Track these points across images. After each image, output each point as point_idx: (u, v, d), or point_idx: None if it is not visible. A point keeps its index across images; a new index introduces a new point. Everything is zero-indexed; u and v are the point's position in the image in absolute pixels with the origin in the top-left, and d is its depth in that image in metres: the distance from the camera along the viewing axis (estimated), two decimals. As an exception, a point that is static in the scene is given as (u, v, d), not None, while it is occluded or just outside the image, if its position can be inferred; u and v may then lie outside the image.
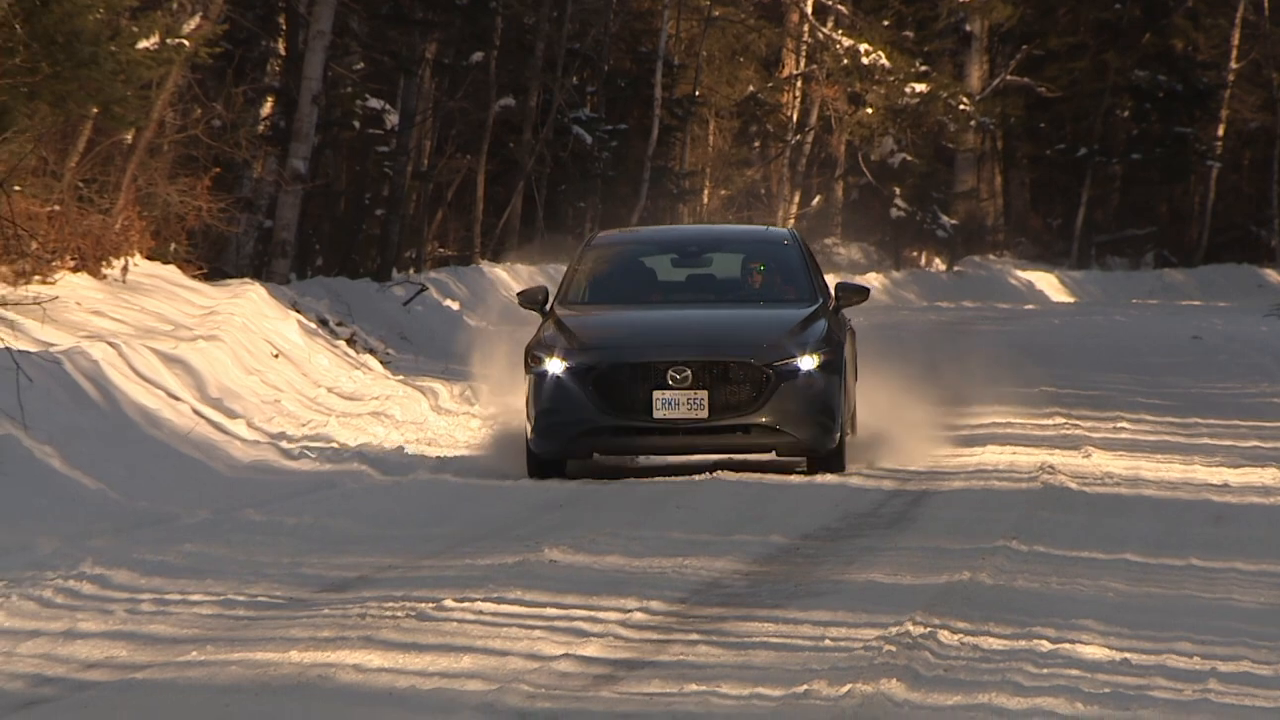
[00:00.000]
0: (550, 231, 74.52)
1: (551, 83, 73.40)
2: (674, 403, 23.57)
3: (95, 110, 46.54)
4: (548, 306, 30.28)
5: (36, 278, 44.40)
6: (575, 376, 24.64)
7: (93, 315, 43.86)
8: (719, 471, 33.14)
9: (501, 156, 73.11)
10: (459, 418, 45.18)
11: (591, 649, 19.60)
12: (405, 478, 35.71)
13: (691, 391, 23.92)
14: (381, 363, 53.06)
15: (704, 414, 24.26)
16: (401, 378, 50.48)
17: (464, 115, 70.14)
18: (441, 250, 70.99)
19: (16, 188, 41.40)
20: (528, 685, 17.86)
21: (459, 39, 72.21)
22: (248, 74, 62.49)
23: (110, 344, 38.80)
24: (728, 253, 30.31)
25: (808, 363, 25.42)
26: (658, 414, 23.98)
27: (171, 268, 51.29)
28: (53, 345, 37.11)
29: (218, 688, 18.41)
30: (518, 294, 33.58)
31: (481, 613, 21.59)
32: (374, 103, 69.62)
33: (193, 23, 52.84)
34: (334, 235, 64.42)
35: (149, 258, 50.69)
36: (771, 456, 32.11)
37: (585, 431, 24.76)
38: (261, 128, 62.89)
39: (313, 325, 52.10)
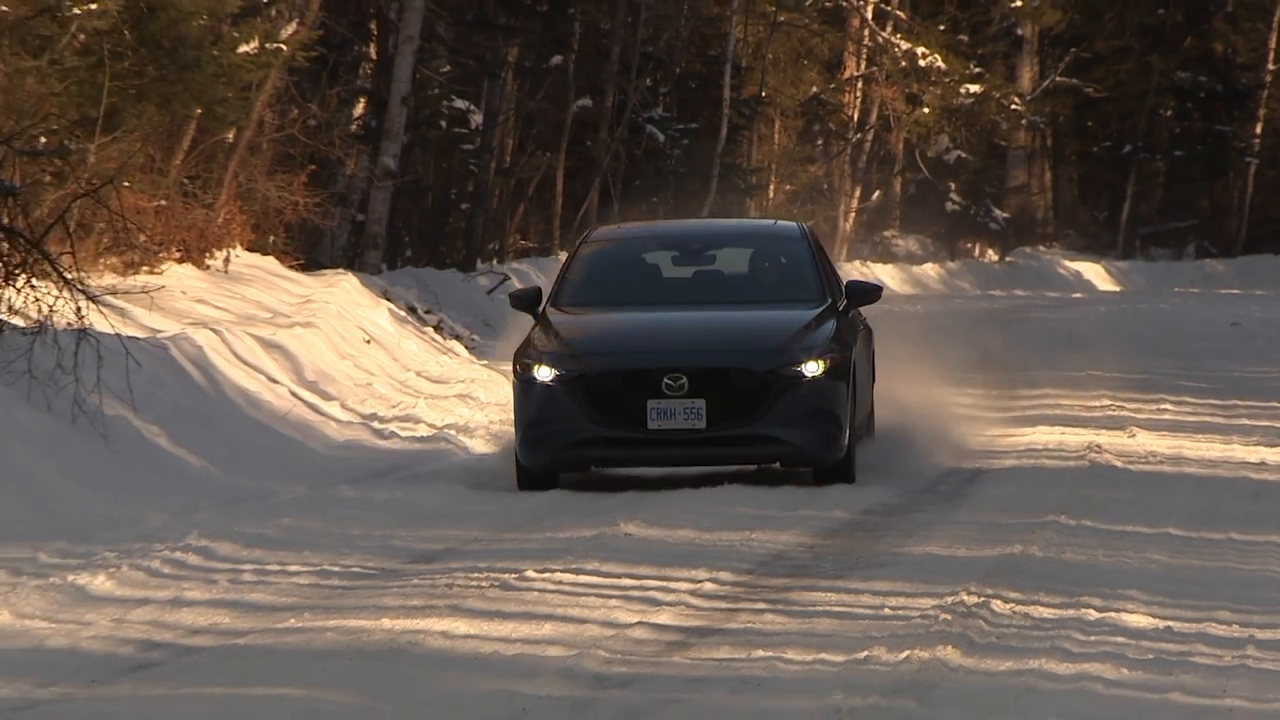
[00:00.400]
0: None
1: (626, 84, 73.16)
2: (669, 412, 21.34)
3: (199, 111, 46.91)
4: (540, 309, 26.67)
5: (144, 268, 44.59)
6: (564, 385, 22.19)
7: (197, 303, 44.34)
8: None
9: (579, 154, 73.42)
10: (539, 400, 44.34)
11: (664, 617, 19.78)
12: (488, 456, 34.98)
13: (688, 400, 21.62)
14: (467, 348, 53.18)
15: (701, 424, 21.84)
16: (485, 362, 50.43)
17: (544, 115, 70.11)
18: (523, 242, 71.03)
19: (126, 184, 40.32)
20: (604, 651, 18.01)
21: (539, 43, 71.77)
22: (341, 76, 62.61)
23: (213, 330, 39.22)
24: (733, 248, 26.99)
25: (812, 368, 22.70)
26: (652, 424, 21.65)
27: (270, 259, 51.50)
28: (160, 332, 37.33)
29: (314, 653, 18.66)
30: (509, 295, 30.46)
31: (561, 583, 21.76)
32: (459, 104, 69.14)
33: (290, 28, 53.11)
34: (422, 228, 64.35)
35: (249, 249, 50.81)
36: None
37: (575, 443, 22.39)
38: (354, 127, 62.75)
39: (402, 313, 52.01)
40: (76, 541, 24.96)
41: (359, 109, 64.64)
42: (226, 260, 48.93)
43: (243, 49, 47.56)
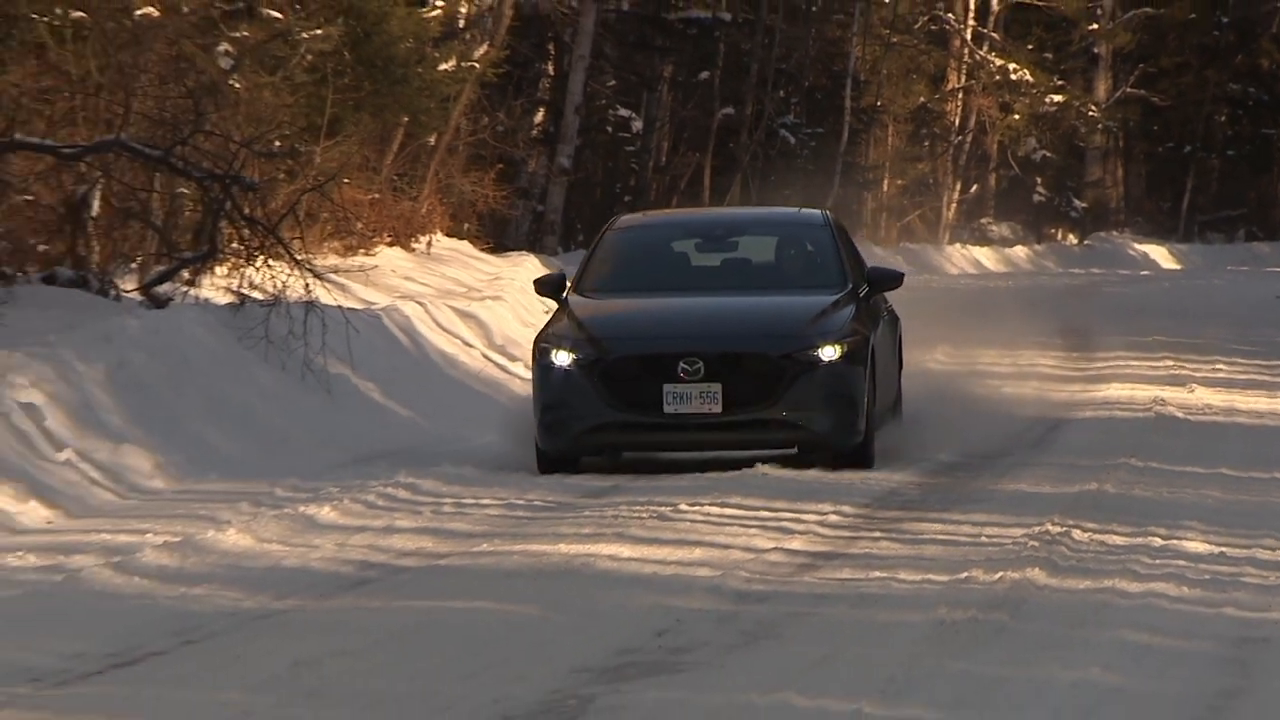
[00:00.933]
0: (762, 215, 75.57)
1: (763, 96, 72.75)
2: (685, 397, 18.91)
3: (406, 119, 48.47)
4: (564, 295, 23.49)
5: (361, 251, 45.56)
6: (582, 370, 19.59)
7: (404, 280, 45.24)
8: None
9: (723, 154, 71.90)
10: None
11: (796, 544, 19.74)
12: None
13: (704, 385, 19.09)
14: None
15: (717, 408, 19.28)
16: None
17: (694, 121, 69.99)
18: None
19: (345, 180, 42.32)
20: (745, 572, 18.14)
21: (690, 61, 72.08)
22: (524, 90, 63.13)
23: (418, 303, 39.79)
24: (756, 236, 23.62)
25: (829, 353, 19.90)
26: (668, 409, 19.16)
27: (465, 243, 51.93)
28: (373, 304, 37.97)
29: (503, 572, 18.99)
30: (535, 281, 26.55)
31: (709, 514, 21.50)
32: (623, 112, 69.50)
33: (482, 49, 53.94)
34: (591, 217, 64.23)
35: (448, 235, 51.22)
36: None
37: (592, 428, 19.80)
38: (535, 132, 63.51)
39: None
40: (306, 479, 25.25)
41: (539, 117, 64.55)
42: (429, 244, 49.72)
43: (443, 67, 49.77)
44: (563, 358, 18.43)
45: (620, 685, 13.65)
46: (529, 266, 49.31)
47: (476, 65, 51.48)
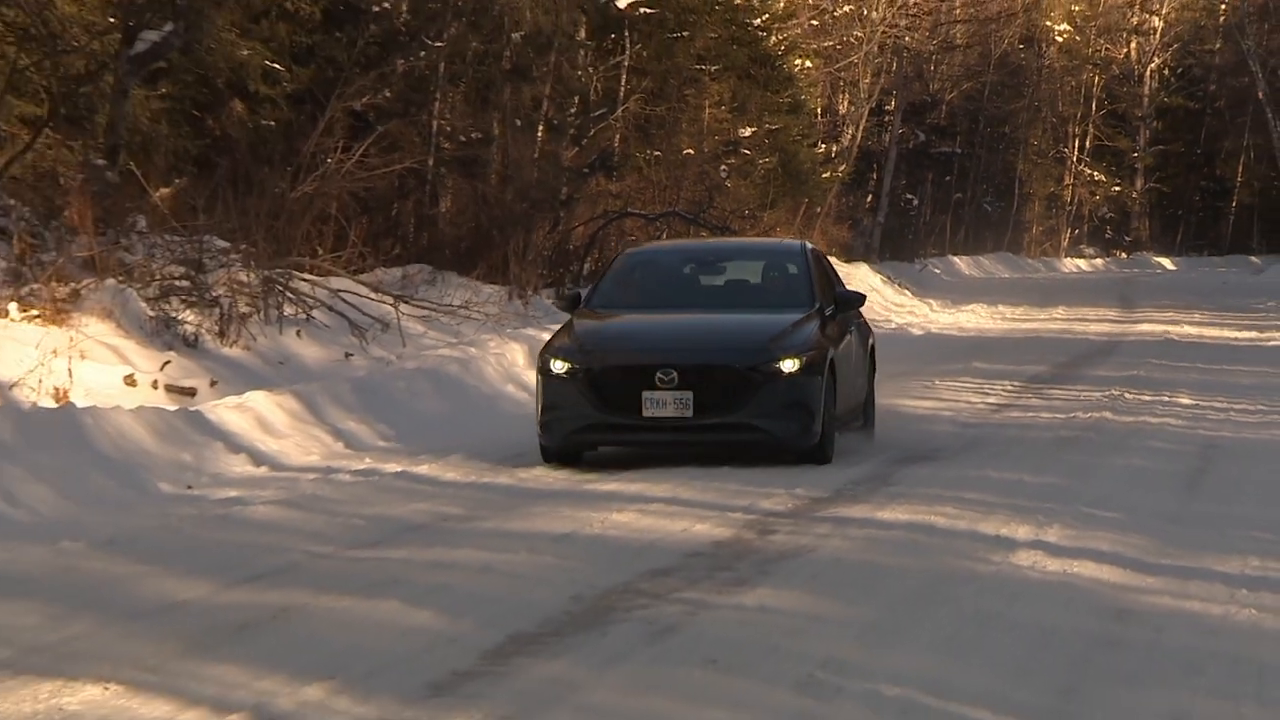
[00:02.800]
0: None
1: (976, 188, 68.03)
2: (661, 402, 14.84)
3: (806, 200, 42.49)
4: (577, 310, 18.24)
5: None
6: (574, 377, 15.31)
7: None
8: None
9: (957, 217, 66.39)
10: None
11: (992, 400, 20.68)
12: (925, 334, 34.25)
13: (678, 392, 14.92)
14: (911, 294, 45.62)
15: (689, 413, 14.94)
16: (916, 300, 44.60)
17: (940, 200, 64.86)
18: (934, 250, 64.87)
19: (777, 227, 38.29)
20: (966, 412, 19.33)
21: (939, 171, 64.96)
22: (863, 184, 57.76)
23: None
24: (743, 262, 18.66)
25: (789, 365, 15.35)
26: (647, 412, 15.00)
27: (832, 259, 43.19)
28: None
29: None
30: (556, 296, 22.58)
31: (950, 384, 22.19)
32: (909, 195, 62.80)
33: (843, 166, 50.81)
34: (893, 245, 58.97)
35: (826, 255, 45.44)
36: None
37: (581, 428, 15.52)
38: (867, 205, 57.94)
39: (877, 280, 44.65)
40: None
41: (868, 200, 58.11)
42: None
43: (825, 175, 46.20)
44: (559, 366, 15.14)
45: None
46: (863, 269, 44.88)
47: (840, 174, 49.33)
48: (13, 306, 17.90)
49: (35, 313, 17.88)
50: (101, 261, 19.90)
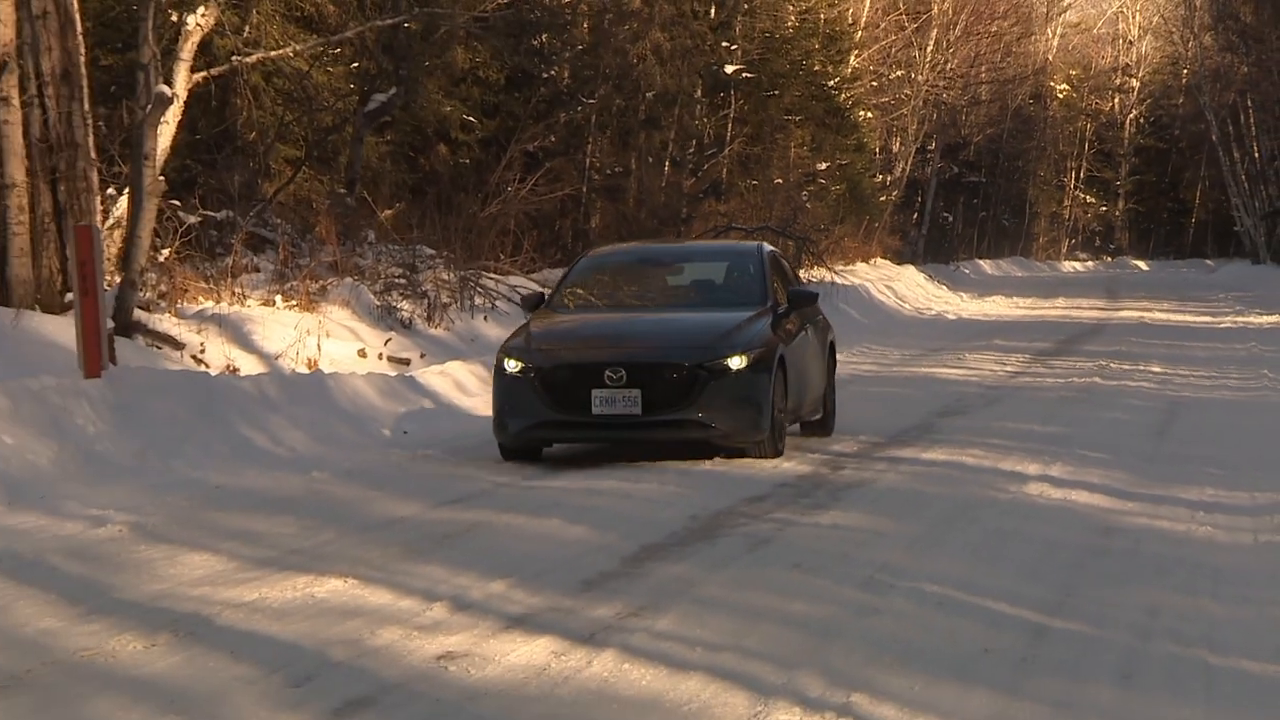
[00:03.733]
0: None
1: (997, 211, 65.95)
2: (610, 400, 12.09)
3: (867, 218, 41.91)
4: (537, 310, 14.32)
5: (857, 261, 39.42)
6: (526, 376, 12.30)
7: (863, 273, 38.26)
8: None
9: (983, 229, 64.93)
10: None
11: (1008, 368, 20.56)
12: (959, 319, 33.87)
13: (626, 390, 12.10)
14: (948, 288, 43.96)
15: (638, 410, 12.14)
16: (952, 293, 44.09)
17: (967, 218, 63.48)
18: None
19: (845, 239, 38.87)
20: (989, 378, 19.22)
21: (966, 193, 62.26)
22: (912, 203, 56.50)
23: (866, 280, 35.86)
24: (700, 263, 14.97)
25: (737, 362, 12.37)
26: (596, 410, 12.17)
27: (887, 261, 43.94)
28: (853, 282, 34.03)
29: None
30: (520, 297, 16.29)
31: (977, 356, 22.17)
32: (945, 214, 60.50)
33: (894, 192, 49.56)
34: (935, 249, 57.40)
35: (883, 258, 43.75)
36: None
37: (532, 425, 12.40)
38: (914, 219, 56.58)
39: (922, 277, 43.66)
40: None
41: (914, 216, 56.62)
42: (874, 263, 42.05)
43: (882, 199, 45.05)
44: (511, 365, 12.10)
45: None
46: (911, 270, 44.10)
47: (892, 198, 48.69)
48: (278, 298, 18.19)
49: (294, 303, 18.13)
50: (341, 264, 20.27)
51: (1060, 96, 73.91)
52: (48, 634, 6.57)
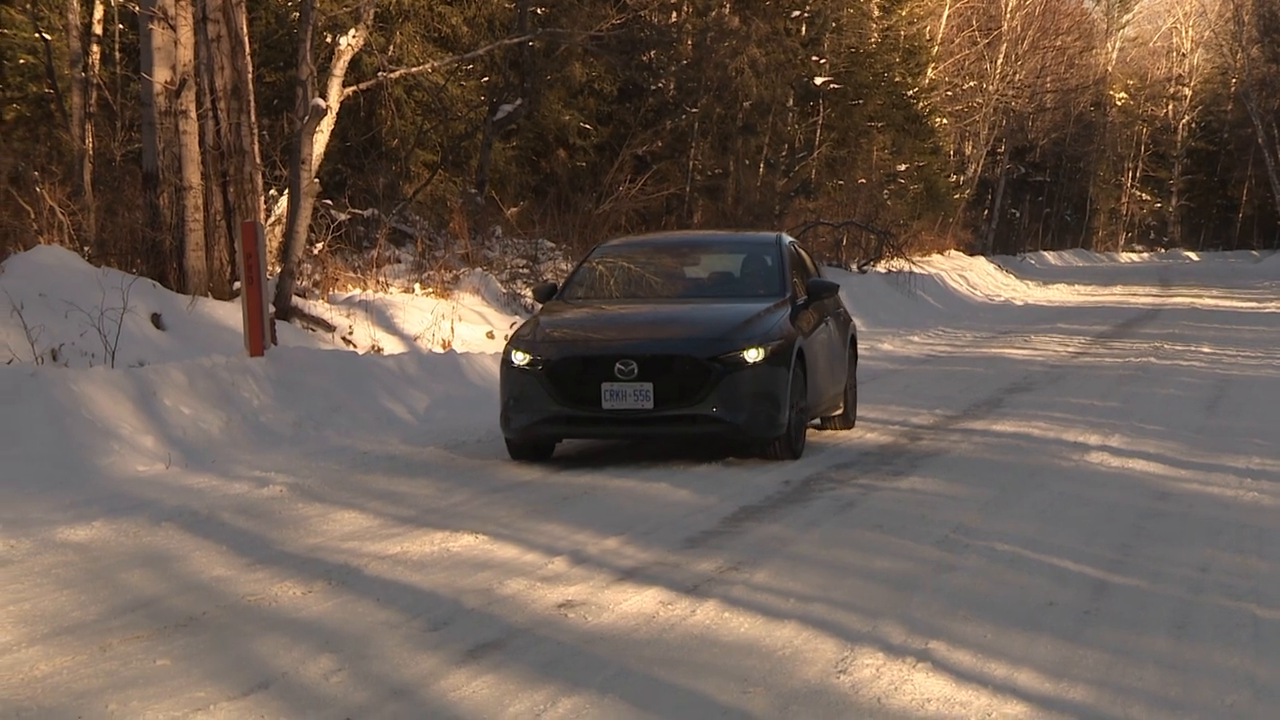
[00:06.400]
0: None
1: (1060, 207, 65.26)
2: (621, 394, 10.14)
3: (942, 214, 41.24)
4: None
5: (932, 252, 38.27)
6: (535, 369, 10.38)
7: (940, 264, 37.53)
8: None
9: (1047, 223, 63.74)
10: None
11: (1070, 349, 20.18)
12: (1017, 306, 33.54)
13: (637, 384, 10.14)
14: (1016, 277, 43.34)
15: (649, 405, 10.14)
16: (1019, 280, 43.25)
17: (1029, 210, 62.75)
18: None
19: (923, 232, 37.59)
20: (1053, 358, 18.78)
21: (1020, 190, 60.68)
22: (984, 201, 55.06)
23: (940, 270, 35.12)
24: (717, 254, 12.73)
25: (753, 354, 10.31)
26: (606, 405, 10.20)
27: (960, 253, 42.62)
28: (931, 271, 33.37)
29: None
30: (532, 290, 15.81)
31: (1041, 339, 21.80)
32: (1013, 210, 59.65)
33: (966, 190, 48.38)
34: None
35: (956, 250, 42.29)
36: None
37: (541, 420, 10.36)
38: (984, 215, 54.57)
39: (991, 268, 42.43)
40: (905, 329, 23.86)
41: (985, 213, 54.70)
42: (949, 254, 40.78)
43: (955, 196, 45.26)
44: (520, 357, 10.34)
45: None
46: (981, 262, 42.89)
47: (965, 196, 47.93)
48: (417, 286, 18.28)
49: (430, 290, 18.23)
50: (472, 256, 20.41)
51: (1119, 104, 73.05)
52: (220, 580, 6.68)
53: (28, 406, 9.47)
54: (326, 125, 16.63)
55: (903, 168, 37.27)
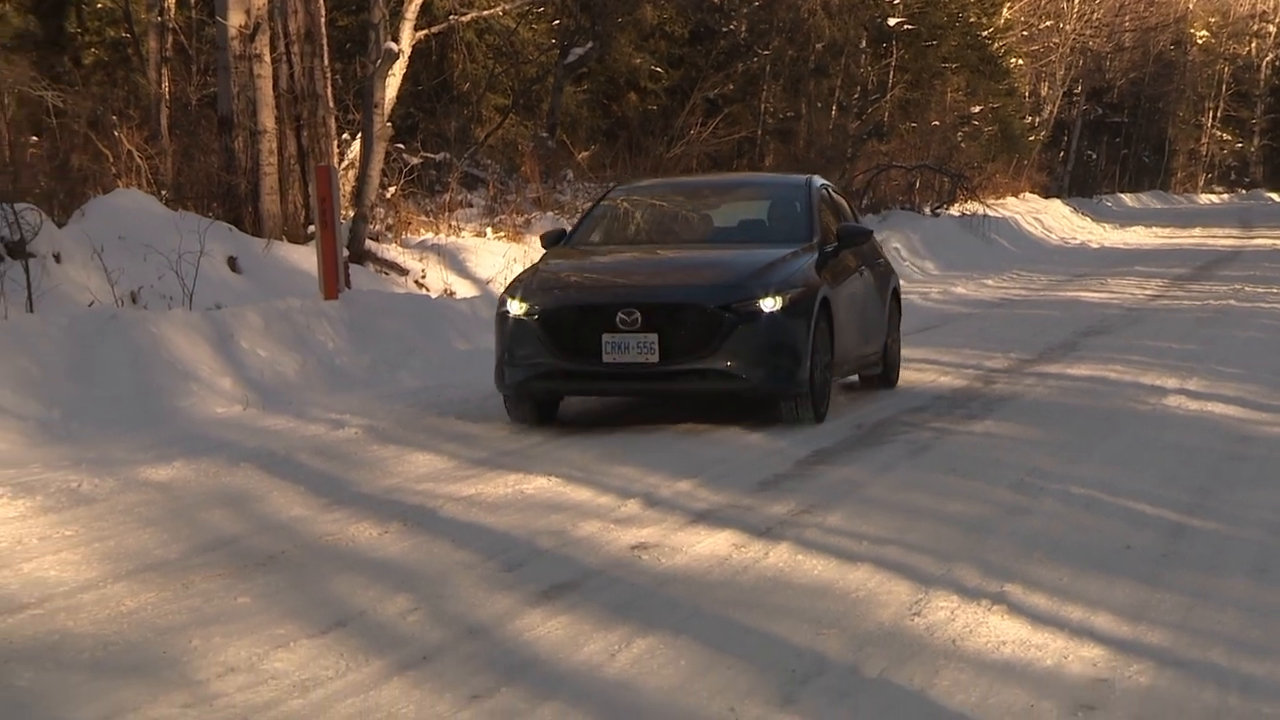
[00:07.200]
0: None
1: (1139, 150, 63.52)
2: (623, 346, 8.84)
3: (1016, 156, 40.28)
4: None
5: (1006, 195, 37.47)
6: (530, 319, 9.18)
7: (1014, 206, 36.98)
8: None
9: (1125, 165, 61.89)
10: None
11: (1148, 292, 20.11)
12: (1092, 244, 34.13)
13: (640, 335, 8.84)
14: (1093, 220, 42.47)
15: (654, 358, 8.85)
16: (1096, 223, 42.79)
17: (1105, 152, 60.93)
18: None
19: (997, 175, 37.41)
20: (1130, 301, 18.78)
21: (1098, 130, 58.34)
22: (1059, 143, 54.63)
23: (1014, 213, 34.71)
24: (739, 199, 11.43)
25: (770, 304, 9.03)
26: (607, 358, 8.91)
27: (1035, 195, 41.99)
28: (1003, 214, 32.80)
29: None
30: (540, 236, 11.17)
31: (1118, 282, 21.68)
32: (1090, 153, 57.65)
33: (1041, 133, 47.92)
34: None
35: (1031, 193, 41.58)
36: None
37: (537, 375, 9.16)
38: (1061, 158, 54.18)
39: (1067, 210, 42.29)
40: (981, 273, 23.50)
41: (1060, 155, 54.06)
42: (1023, 197, 40.07)
43: (1030, 139, 43.07)
44: (515, 307, 9.32)
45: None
46: (1057, 205, 42.29)
47: (1040, 138, 47.10)
48: (488, 230, 18.37)
49: (502, 234, 18.27)
50: (543, 200, 20.42)
51: (1199, 42, 71.66)
52: (298, 520, 6.74)
53: (109, 348, 9.58)
54: (399, 69, 16.69)
55: (977, 109, 36.86)
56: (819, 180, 11.10)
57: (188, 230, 12.28)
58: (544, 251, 10.62)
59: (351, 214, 15.55)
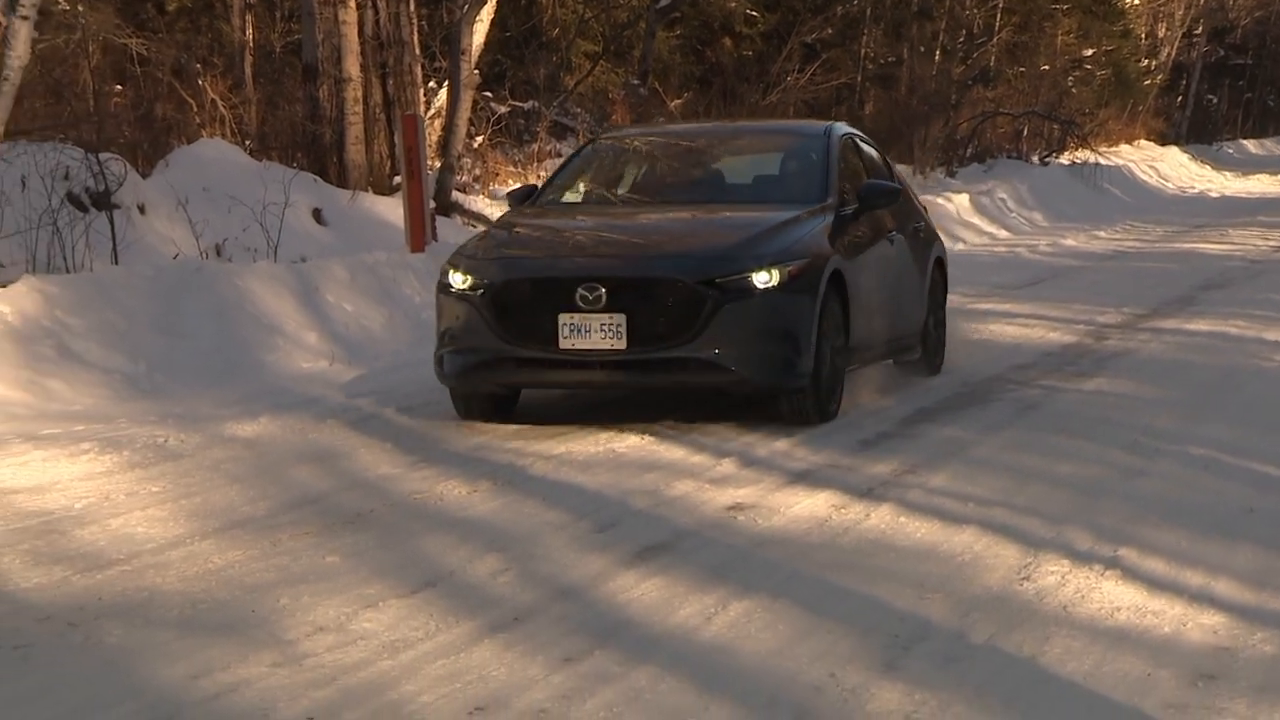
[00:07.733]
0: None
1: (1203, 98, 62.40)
2: (584, 329, 7.26)
3: (1131, 101, 39.78)
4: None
5: (1120, 143, 36.94)
6: (474, 295, 7.62)
7: (1128, 154, 36.65)
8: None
9: (1196, 112, 64.46)
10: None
11: (1272, 243, 19.83)
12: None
13: (605, 315, 7.28)
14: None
15: (621, 344, 7.29)
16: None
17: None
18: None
19: (1107, 120, 36.45)
20: (1252, 253, 18.35)
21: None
22: (1177, 88, 53.08)
23: (1130, 161, 34.43)
24: (746, 150, 9.49)
25: (764, 278, 7.42)
26: (564, 343, 7.35)
27: (1151, 143, 41.21)
28: (1117, 164, 32.37)
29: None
30: (507, 193, 9.73)
31: (1240, 233, 21.61)
32: (1210, 96, 56.82)
33: (1160, 76, 46.82)
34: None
35: (1147, 140, 41.20)
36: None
37: (480, 364, 7.61)
38: (1178, 102, 53.03)
39: (1185, 158, 42.25)
40: (1088, 224, 23.37)
41: (1179, 100, 52.91)
42: (1138, 145, 39.88)
43: (1146, 83, 42.24)
44: (457, 279, 7.91)
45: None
46: (1174, 151, 41.88)
47: (1157, 82, 45.72)
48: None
49: (592, 184, 18.43)
50: (636, 150, 20.42)
51: (1333, -22, 70.04)
52: (386, 479, 6.78)
53: (194, 301, 9.66)
54: (486, 14, 16.75)
55: (1089, 52, 36.52)
56: (842, 127, 9.68)
57: (272, 181, 12.36)
58: (505, 211, 9.39)
59: (438, 164, 15.64)
